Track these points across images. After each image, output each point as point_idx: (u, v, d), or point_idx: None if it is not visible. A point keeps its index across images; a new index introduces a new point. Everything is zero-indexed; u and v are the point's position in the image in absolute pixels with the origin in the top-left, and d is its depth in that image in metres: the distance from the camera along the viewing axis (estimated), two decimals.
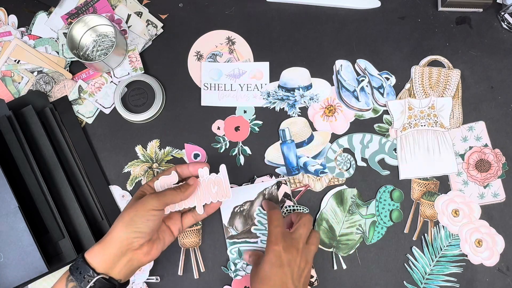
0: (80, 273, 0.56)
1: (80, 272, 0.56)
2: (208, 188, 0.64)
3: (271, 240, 0.63)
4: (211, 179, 0.65)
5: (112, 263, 0.57)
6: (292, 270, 0.61)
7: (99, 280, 0.56)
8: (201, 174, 0.65)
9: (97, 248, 0.58)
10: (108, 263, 0.57)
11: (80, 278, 0.56)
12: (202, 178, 0.65)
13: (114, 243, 0.57)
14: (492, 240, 0.74)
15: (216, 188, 0.64)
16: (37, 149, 0.73)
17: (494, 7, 0.80)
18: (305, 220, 0.66)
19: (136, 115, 0.76)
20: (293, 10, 0.81)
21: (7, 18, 0.80)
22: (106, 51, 0.78)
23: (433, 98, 0.77)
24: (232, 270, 0.73)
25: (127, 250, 0.57)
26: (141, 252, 0.58)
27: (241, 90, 0.78)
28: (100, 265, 0.57)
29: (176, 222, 0.65)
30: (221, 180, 0.64)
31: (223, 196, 0.65)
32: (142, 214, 0.58)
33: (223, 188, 0.64)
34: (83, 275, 0.56)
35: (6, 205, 0.67)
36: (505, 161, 0.76)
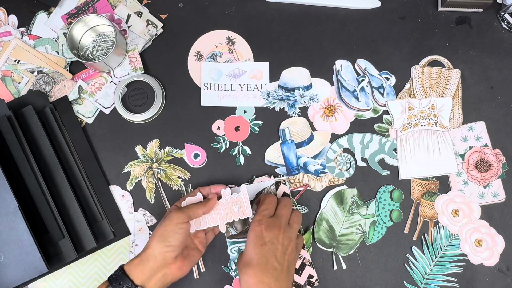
0: (120, 284, 0.60)
1: (120, 283, 0.60)
2: (230, 207, 0.68)
3: (254, 220, 0.65)
4: (232, 199, 0.68)
5: (149, 277, 0.61)
6: (275, 248, 0.62)
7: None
8: (224, 194, 0.69)
9: (136, 261, 0.62)
10: (145, 276, 0.61)
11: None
12: (224, 198, 0.69)
13: (151, 258, 0.61)
14: (492, 240, 0.74)
15: (237, 207, 0.68)
16: (37, 149, 0.73)
17: (494, 7, 0.80)
18: (285, 202, 0.68)
19: (136, 115, 0.76)
20: (293, 10, 0.81)
21: (7, 18, 0.80)
22: (106, 51, 0.78)
23: (433, 98, 0.77)
24: (233, 269, 0.73)
25: (162, 265, 0.61)
26: (175, 266, 0.62)
27: (241, 90, 0.78)
28: (138, 277, 0.60)
29: (202, 240, 0.70)
30: (242, 199, 0.68)
31: (243, 214, 0.68)
32: (171, 228, 0.62)
33: (243, 207, 0.68)
34: (122, 286, 0.59)
35: (6, 205, 0.67)
36: (505, 161, 0.76)
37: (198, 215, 0.66)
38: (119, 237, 0.74)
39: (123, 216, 0.75)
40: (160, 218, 0.74)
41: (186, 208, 0.65)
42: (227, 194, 0.69)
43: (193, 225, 0.67)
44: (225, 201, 0.68)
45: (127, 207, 0.75)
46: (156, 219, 0.75)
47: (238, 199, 0.68)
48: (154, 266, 0.61)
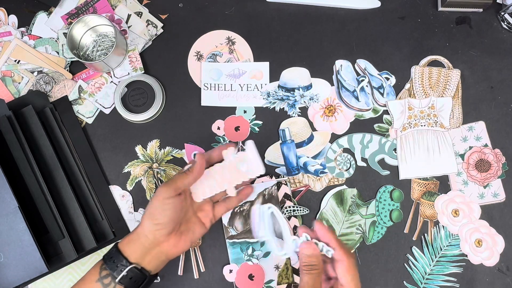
0: (114, 262, 0.57)
1: (114, 261, 0.57)
2: (236, 168, 0.60)
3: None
4: (238, 158, 0.60)
5: (143, 255, 0.58)
6: None
7: (132, 269, 0.57)
8: (226, 155, 0.61)
9: (128, 239, 0.59)
10: (139, 254, 0.58)
11: (113, 267, 0.57)
12: (228, 159, 0.61)
13: (142, 237, 0.58)
14: (492, 240, 0.74)
15: (245, 165, 0.60)
16: (37, 149, 0.73)
17: (494, 7, 0.80)
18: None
19: (136, 115, 0.76)
20: (293, 10, 0.81)
21: (7, 18, 0.80)
22: (106, 51, 0.78)
23: (433, 98, 0.77)
24: (248, 253, 0.73)
25: (154, 243, 0.58)
26: (168, 244, 0.59)
27: (241, 90, 0.78)
28: (132, 255, 0.58)
29: (207, 214, 0.63)
30: (248, 156, 0.59)
31: (254, 172, 0.60)
32: (158, 204, 0.58)
33: (252, 164, 0.59)
34: (116, 264, 0.57)
35: (6, 205, 0.67)
36: (505, 161, 0.76)
37: (186, 184, 0.59)
38: (119, 237, 0.74)
39: (123, 216, 0.75)
40: None
41: (172, 180, 0.59)
42: (230, 154, 0.60)
43: (198, 194, 0.61)
44: (229, 163, 0.60)
45: (127, 207, 0.76)
46: None
47: (243, 156, 0.59)
48: (146, 244, 0.58)
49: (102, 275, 0.57)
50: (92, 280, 0.58)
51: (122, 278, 0.56)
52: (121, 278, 0.56)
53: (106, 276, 0.57)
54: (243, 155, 0.60)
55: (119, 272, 0.57)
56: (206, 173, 0.61)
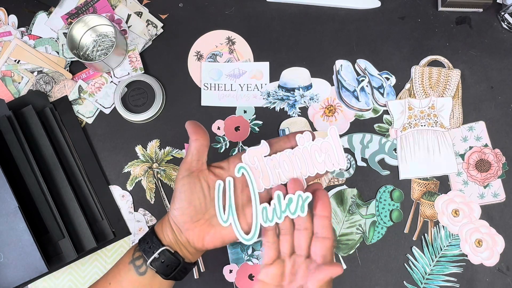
0: (147, 243, 0.54)
1: (147, 242, 0.55)
2: (312, 157, 0.52)
3: None
4: (315, 146, 0.52)
5: (175, 240, 0.54)
6: None
7: (164, 252, 0.53)
8: (301, 140, 0.52)
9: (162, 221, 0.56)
10: (171, 238, 0.54)
11: (146, 249, 0.54)
12: (302, 145, 0.52)
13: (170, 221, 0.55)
14: (492, 240, 0.74)
15: (323, 156, 0.51)
16: (37, 149, 0.73)
17: (494, 7, 0.80)
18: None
19: (136, 115, 0.76)
20: (293, 10, 0.81)
21: (7, 18, 0.80)
22: (106, 51, 0.78)
23: (433, 98, 0.77)
24: (248, 253, 0.73)
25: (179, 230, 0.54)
26: (193, 234, 0.54)
27: (241, 90, 0.78)
28: (165, 238, 0.54)
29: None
30: (331, 146, 0.51)
31: (334, 164, 0.51)
32: (175, 188, 0.53)
33: (333, 155, 0.51)
34: (149, 245, 0.54)
35: (6, 205, 0.67)
36: (505, 161, 0.76)
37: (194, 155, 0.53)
38: (119, 237, 0.74)
39: (123, 216, 0.75)
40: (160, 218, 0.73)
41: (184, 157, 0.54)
42: (306, 139, 0.52)
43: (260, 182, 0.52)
44: (303, 149, 0.52)
45: (127, 207, 0.75)
46: (156, 219, 0.75)
47: (325, 146, 0.51)
48: (174, 229, 0.54)
49: (135, 257, 0.55)
50: (126, 261, 0.55)
51: (154, 261, 0.53)
52: (152, 260, 0.53)
53: (138, 258, 0.54)
54: (323, 143, 0.51)
55: (150, 254, 0.53)
56: (272, 159, 0.53)
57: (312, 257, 0.50)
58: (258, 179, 0.53)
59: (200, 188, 0.53)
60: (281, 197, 0.50)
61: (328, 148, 0.51)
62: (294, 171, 0.52)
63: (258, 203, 0.51)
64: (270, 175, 0.53)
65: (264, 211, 0.51)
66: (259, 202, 0.51)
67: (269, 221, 0.51)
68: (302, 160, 0.52)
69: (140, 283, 0.54)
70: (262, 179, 0.53)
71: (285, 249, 0.51)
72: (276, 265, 0.51)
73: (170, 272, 0.54)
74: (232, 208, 0.53)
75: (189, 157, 0.54)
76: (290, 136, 0.53)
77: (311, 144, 0.52)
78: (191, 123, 0.54)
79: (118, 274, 0.55)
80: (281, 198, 0.50)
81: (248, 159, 0.53)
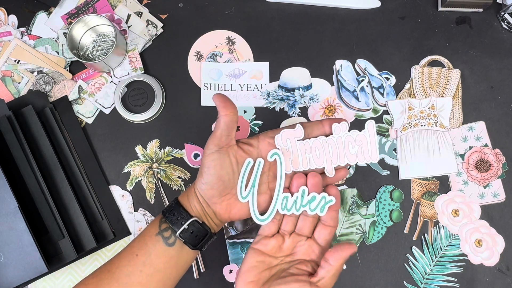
0: (174, 215, 0.55)
1: (174, 213, 0.55)
2: (345, 147, 0.53)
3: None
4: (350, 137, 0.53)
5: (202, 211, 0.56)
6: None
7: (193, 222, 0.54)
8: (337, 129, 0.54)
9: (188, 193, 0.57)
10: (199, 209, 0.56)
11: (173, 220, 0.54)
12: (337, 135, 0.54)
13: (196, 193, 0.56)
14: (492, 240, 0.74)
15: (356, 148, 0.53)
16: (37, 149, 0.73)
17: (494, 7, 0.80)
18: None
19: (136, 115, 0.76)
20: (293, 10, 0.81)
21: (7, 18, 0.80)
22: (106, 51, 0.78)
23: (433, 98, 0.77)
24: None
25: (206, 203, 0.55)
26: (220, 207, 0.55)
27: (241, 90, 0.78)
28: (193, 209, 0.55)
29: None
30: (366, 138, 0.53)
31: (366, 158, 0.53)
32: (204, 162, 0.55)
33: (367, 148, 0.53)
34: (177, 217, 0.55)
35: (6, 205, 0.67)
36: (505, 161, 0.76)
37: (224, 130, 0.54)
38: (119, 237, 0.74)
39: (123, 216, 0.75)
40: None
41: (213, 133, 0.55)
42: (343, 129, 0.53)
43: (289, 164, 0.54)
44: (338, 139, 0.53)
45: (127, 207, 0.76)
46: None
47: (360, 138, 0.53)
48: (201, 201, 0.55)
49: (162, 228, 0.55)
50: (152, 233, 0.55)
51: (183, 232, 0.54)
52: (182, 231, 0.54)
53: (166, 229, 0.55)
54: (359, 136, 0.53)
55: (179, 225, 0.54)
56: (305, 144, 0.54)
57: (315, 240, 0.55)
58: (287, 160, 0.54)
59: (229, 163, 0.54)
60: (305, 193, 0.53)
61: (362, 140, 0.53)
62: (325, 158, 0.53)
63: (281, 191, 0.54)
64: (300, 159, 0.54)
65: (285, 199, 0.53)
66: (282, 190, 0.54)
67: (287, 210, 0.54)
68: (335, 149, 0.53)
69: (168, 254, 0.55)
70: (292, 161, 0.54)
71: (287, 228, 0.55)
72: (275, 239, 0.55)
73: (198, 242, 0.55)
74: (254, 188, 0.55)
75: (218, 132, 0.54)
76: (324, 122, 0.55)
77: (346, 134, 0.53)
78: (220, 96, 0.55)
79: (145, 246, 0.55)
80: (305, 194, 0.53)
81: (282, 140, 0.54)
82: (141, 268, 0.54)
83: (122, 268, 0.55)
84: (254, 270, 0.53)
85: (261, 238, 0.55)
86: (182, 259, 0.56)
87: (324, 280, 0.51)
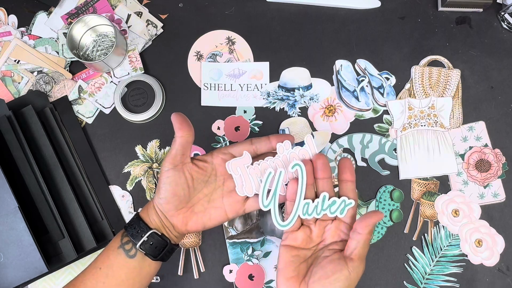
0: (134, 228, 0.58)
1: (135, 227, 0.58)
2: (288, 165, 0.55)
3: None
4: (294, 154, 0.55)
5: (161, 223, 0.59)
6: None
7: (152, 235, 0.57)
8: (280, 150, 0.56)
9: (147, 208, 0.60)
10: (158, 222, 0.59)
11: (134, 233, 0.58)
12: (281, 154, 0.56)
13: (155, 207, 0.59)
14: (492, 240, 0.74)
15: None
16: (37, 149, 0.73)
17: (494, 7, 0.80)
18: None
19: (136, 115, 0.76)
20: (293, 10, 0.81)
21: (7, 18, 0.80)
22: (106, 51, 0.78)
23: (433, 98, 0.77)
24: (248, 253, 0.73)
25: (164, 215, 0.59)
26: (177, 220, 0.58)
27: (241, 90, 0.78)
28: (152, 222, 0.58)
29: (236, 204, 0.59)
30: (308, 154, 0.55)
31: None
32: (160, 179, 0.58)
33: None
34: (137, 230, 0.58)
35: (6, 205, 0.67)
36: (505, 161, 0.76)
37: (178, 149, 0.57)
38: None
39: (123, 216, 0.75)
40: None
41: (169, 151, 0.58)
42: (286, 148, 0.55)
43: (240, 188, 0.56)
44: (283, 157, 0.56)
45: (127, 207, 0.76)
46: None
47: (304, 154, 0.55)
48: (159, 214, 0.58)
49: (124, 242, 0.58)
50: (114, 247, 0.58)
51: (143, 244, 0.57)
52: (142, 243, 0.57)
53: (127, 242, 0.58)
54: (301, 151, 0.55)
55: (139, 237, 0.57)
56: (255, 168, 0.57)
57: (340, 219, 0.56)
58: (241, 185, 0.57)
59: (184, 180, 0.58)
60: (326, 198, 0.55)
61: (305, 154, 0.56)
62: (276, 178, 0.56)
63: (302, 198, 0.55)
64: (253, 184, 0.57)
65: (306, 206, 0.55)
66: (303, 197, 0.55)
67: (308, 215, 0.55)
68: (282, 167, 0.56)
69: (130, 265, 0.58)
70: (245, 187, 0.57)
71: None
72: (302, 231, 0.56)
73: (158, 253, 0.58)
74: (275, 196, 0.56)
75: (173, 151, 0.58)
76: (272, 138, 0.59)
77: (290, 152, 0.56)
78: (177, 116, 0.58)
79: (107, 259, 0.58)
80: (326, 199, 0.55)
81: (231, 168, 0.57)
82: (103, 280, 0.57)
83: (86, 282, 0.58)
84: (291, 265, 0.54)
85: (288, 234, 0.56)
86: (144, 270, 0.59)
87: (357, 251, 0.52)
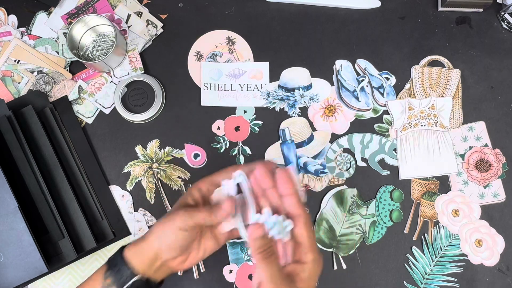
0: (119, 271, 0.55)
1: (119, 269, 0.55)
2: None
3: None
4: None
5: (149, 267, 0.55)
6: None
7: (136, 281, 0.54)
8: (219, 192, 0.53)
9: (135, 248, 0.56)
10: (146, 266, 0.55)
11: (118, 276, 0.55)
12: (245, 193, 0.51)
13: (149, 249, 0.55)
14: (492, 240, 0.74)
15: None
16: (37, 149, 0.72)
17: (494, 7, 0.80)
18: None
19: (136, 115, 0.76)
20: (293, 10, 0.81)
21: (7, 18, 0.80)
22: (106, 51, 0.78)
23: (433, 98, 0.77)
24: (248, 253, 0.73)
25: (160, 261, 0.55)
26: (174, 262, 0.55)
27: (241, 90, 0.78)
28: (139, 266, 0.55)
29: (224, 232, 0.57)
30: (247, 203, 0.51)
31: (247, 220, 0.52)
32: (171, 232, 0.54)
33: (246, 213, 0.52)
34: (121, 274, 0.54)
35: (6, 205, 0.67)
36: (505, 161, 0.76)
37: (208, 223, 0.53)
38: (119, 237, 0.74)
39: (123, 216, 0.75)
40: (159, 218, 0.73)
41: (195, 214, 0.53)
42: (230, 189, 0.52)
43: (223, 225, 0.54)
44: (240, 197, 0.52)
45: (127, 207, 0.75)
46: (156, 219, 0.75)
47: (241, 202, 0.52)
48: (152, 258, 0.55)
49: (106, 283, 0.55)
50: (96, 286, 0.56)
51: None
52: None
53: (110, 285, 0.55)
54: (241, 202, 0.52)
55: (123, 283, 0.54)
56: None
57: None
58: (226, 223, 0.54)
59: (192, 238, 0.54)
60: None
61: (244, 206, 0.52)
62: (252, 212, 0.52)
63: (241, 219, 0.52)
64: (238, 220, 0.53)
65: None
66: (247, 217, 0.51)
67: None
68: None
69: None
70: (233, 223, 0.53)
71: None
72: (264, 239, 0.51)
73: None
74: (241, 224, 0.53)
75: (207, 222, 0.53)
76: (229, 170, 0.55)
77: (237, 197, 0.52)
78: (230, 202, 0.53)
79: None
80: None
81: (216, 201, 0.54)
82: None
83: None
84: None
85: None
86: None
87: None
